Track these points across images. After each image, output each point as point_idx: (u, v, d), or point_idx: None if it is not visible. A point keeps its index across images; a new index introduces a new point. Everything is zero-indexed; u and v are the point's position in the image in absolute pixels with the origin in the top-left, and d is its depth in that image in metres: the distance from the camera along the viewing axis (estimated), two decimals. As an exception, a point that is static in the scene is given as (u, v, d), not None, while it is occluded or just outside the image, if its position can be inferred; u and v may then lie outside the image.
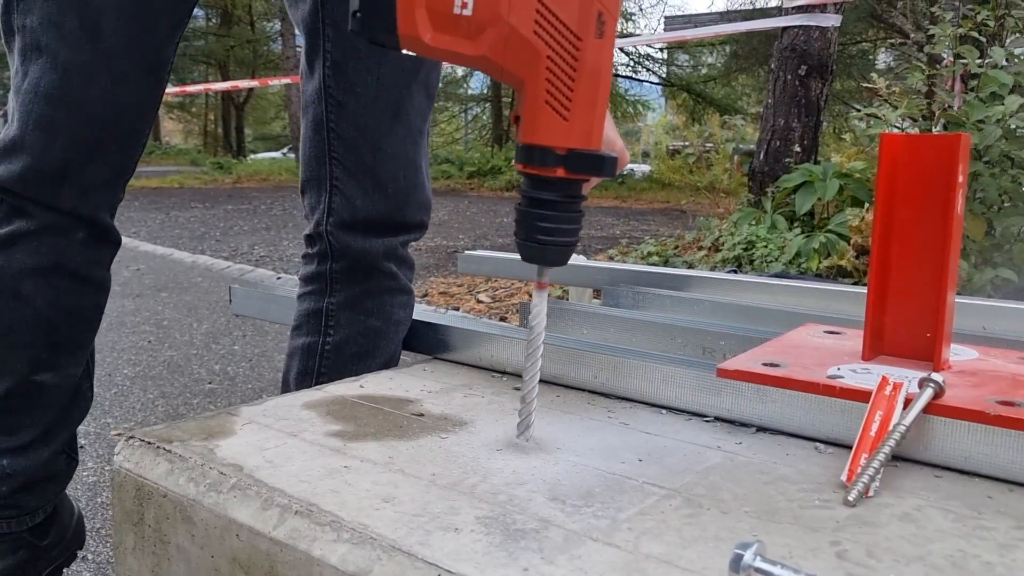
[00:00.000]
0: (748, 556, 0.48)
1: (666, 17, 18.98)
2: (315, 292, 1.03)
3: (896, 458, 0.70)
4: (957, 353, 0.86)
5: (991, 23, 2.49)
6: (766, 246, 3.57)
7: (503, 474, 0.66)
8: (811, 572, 0.48)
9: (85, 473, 1.83)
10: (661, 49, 15.56)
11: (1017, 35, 2.49)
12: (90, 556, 1.47)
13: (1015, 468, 0.66)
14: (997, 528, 0.58)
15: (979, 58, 2.43)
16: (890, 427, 0.67)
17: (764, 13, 10.99)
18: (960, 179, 0.78)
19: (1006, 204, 2.47)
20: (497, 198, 11.67)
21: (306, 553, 0.57)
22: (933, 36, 2.55)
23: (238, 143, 24.04)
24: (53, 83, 0.84)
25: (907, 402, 0.69)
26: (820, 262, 3.24)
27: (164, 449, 0.72)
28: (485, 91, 17.67)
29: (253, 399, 2.43)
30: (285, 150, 24.12)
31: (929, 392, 0.69)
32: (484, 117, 21.01)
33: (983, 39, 2.55)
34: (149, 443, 0.73)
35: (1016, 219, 2.45)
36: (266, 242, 6.40)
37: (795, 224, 3.84)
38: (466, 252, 1.73)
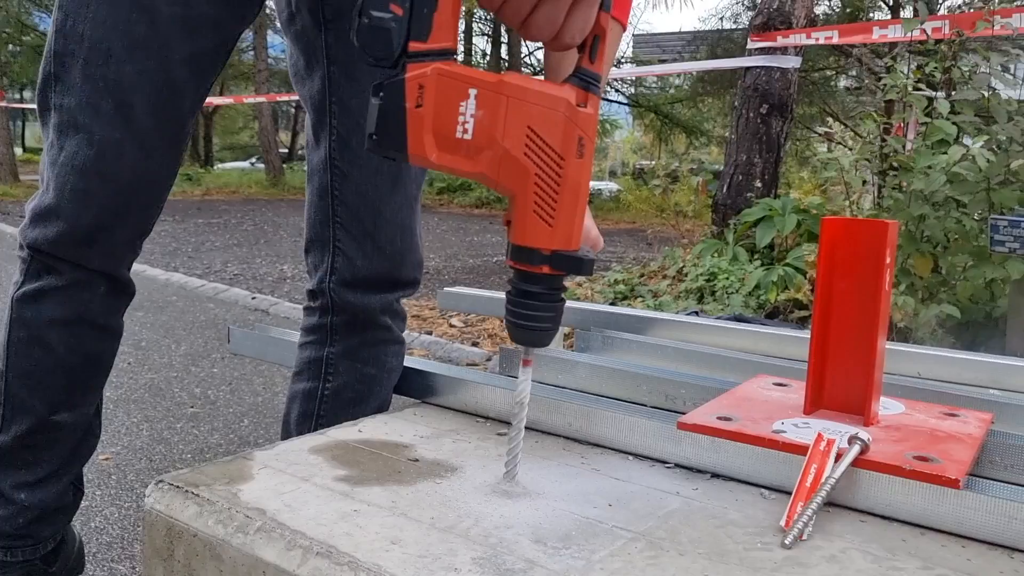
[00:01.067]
0: (699, 595, 0.59)
1: (635, 35, 19.34)
2: (316, 342, 1.13)
3: (829, 504, 0.81)
4: (886, 407, 0.99)
5: (938, 74, 2.66)
6: (727, 278, 3.74)
7: (492, 518, 0.77)
8: (750, 608, 0.59)
9: (76, 498, 1.90)
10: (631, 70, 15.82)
11: (963, 86, 2.67)
12: (88, 580, 1.55)
13: (927, 514, 0.78)
14: (906, 568, 0.70)
15: (926, 108, 2.59)
16: (823, 479, 0.79)
17: (729, 38, 11.28)
18: (888, 260, 0.91)
19: (951, 243, 2.63)
20: (467, 215, 11.78)
21: (327, 589, 0.67)
22: (885, 85, 2.72)
23: (206, 153, 23.93)
24: (88, 158, 0.93)
25: (838, 456, 0.81)
26: (778, 294, 3.40)
27: (192, 493, 0.81)
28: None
29: (235, 422, 2.51)
30: (253, 160, 24.03)
31: (856, 448, 0.81)
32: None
33: (931, 89, 2.72)
34: (178, 487, 0.82)
35: (960, 257, 2.61)
36: (239, 259, 6.44)
37: (755, 256, 4.02)
38: (445, 289, 1.84)
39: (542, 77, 0.83)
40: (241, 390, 2.86)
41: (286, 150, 22.91)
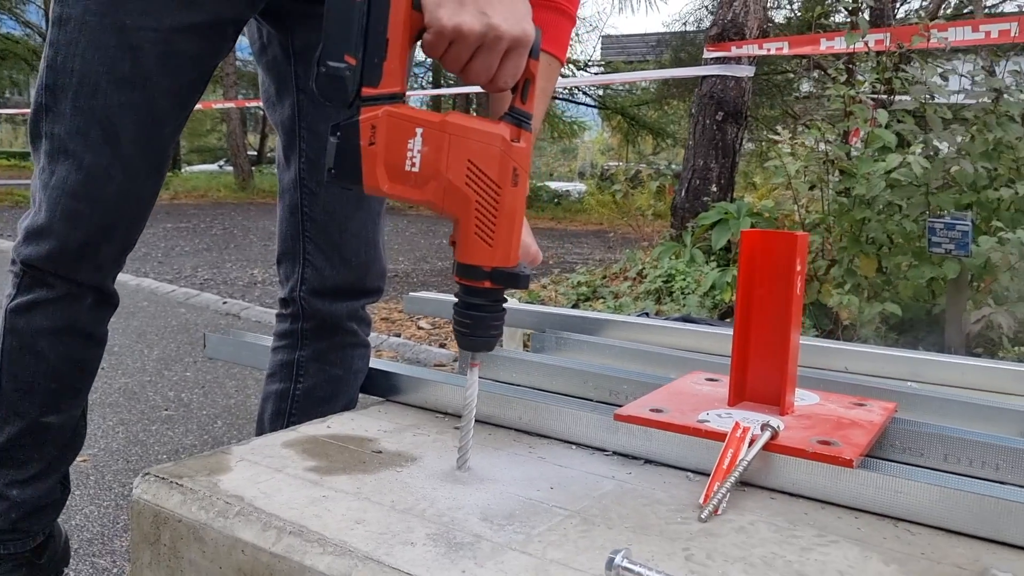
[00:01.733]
0: (617, 559, 0.70)
1: (602, 37, 19.58)
2: (288, 346, 1.22)
3: (744, 484, 0.92)
4: (802, 398, 1.10)
5: (879, 85, 2.80)
6: (684, 279, 3.89)
7: (446, 500, 0.87)
8: (662, 570, 0.70)
9: (56, 498, 1.97)
10: (596, 73, 16.01)
11: (902, 97, 2.82)
12: (72, 574, 1.62)
13: (827, 491, 0.89)
14: (804, 536, 0.81)
15: (867, 117, 2.74)
16: (737, 461, 0.89)
17: (693, 42, 11.47)
18: (799, 268, 1.02)
19: (893, 245, 2.77)
20: (435, 218, 11.85)
21: (299, 563, 0.77)
22: (830, 96, 2.86)
23: (175, 156, 23.74)
24: (78, 182, 1.02)
25: (752, 442, 0.92)
26: (732, 295, 3.54)
27: (176, 483, 0.90)
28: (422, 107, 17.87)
29: (209, 424, 2.58)
30: (222, 162, 23.88)
31: (767, 434, 0.92)
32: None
33: (872, 98, 2.87)
34: (163, 479, 0.91)
35: (902, 258, 2.75)
36: (209, 264, 6.48)
37: (711, 258, 4.18)
38: (411, 294, 1.93)
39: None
40: (214, 393, 2.93)
41: (255, 153, 22.81)
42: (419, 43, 0.84)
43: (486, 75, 0.82)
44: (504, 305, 0.88)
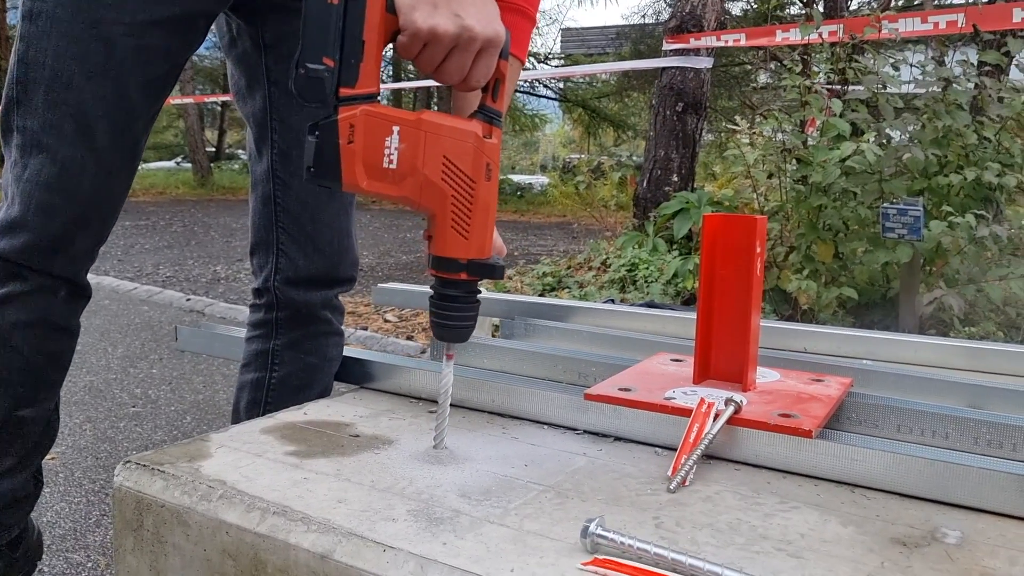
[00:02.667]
0: (592, 527, 0.73)
1: (561, 30, 19.64)
2: (262, 335, 1.24)
3: (710, 457, 0.96)
4: (764, 375, 1.15)
5: (833, 75, 2.87)
6: (647, 267, 3.96)
7: (424, 479, 0.89)
8: (634, 536, 0.74)
9: (26, 496, 1.96)
10: (557, 66, 16.05)
11: (855, 87, 2.89)
12: (46, 569, 1.62)
13: (788, 461, 0.93)
14: (766, 503, 0.85)
15: (822, 106, 2.81)
16: (703, 435, 0.94)
17: (652, 34, 11.57)
18: (758, 250, 1.07)
19: (849, 231, 2.85)
20: (399, 212, 11.80)
21: (284, 541, 0.79)
22: (786, 87, 2.93)
23: (130, 153, 23.28)
24: (52, 175, 1.03)
25: (716, 416, 0.96)
26: (694, 282, 3.61)
27: (158, 470, 0.92)
28: (383, 102, 17.77)
29: (178, 419, 2.58)
30: (179, 159, 23.52)
31: (731, 409, 0.96)
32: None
33: (827, 89, 2.94)
34: (144, 466, 0.93)
35: (857, 243, 2.83)
36: (170, 261, 6.41)
37: (674, 247, 4.26)
38: (379, 285, 1.95)
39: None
40: (182, 388, 2.92)
41: (213, 149, 22.50)
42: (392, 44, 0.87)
43: (459, 75, 0.85)
44: (479, 296, 0.91)
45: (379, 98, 0.85)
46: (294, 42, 0.82)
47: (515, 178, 16.53)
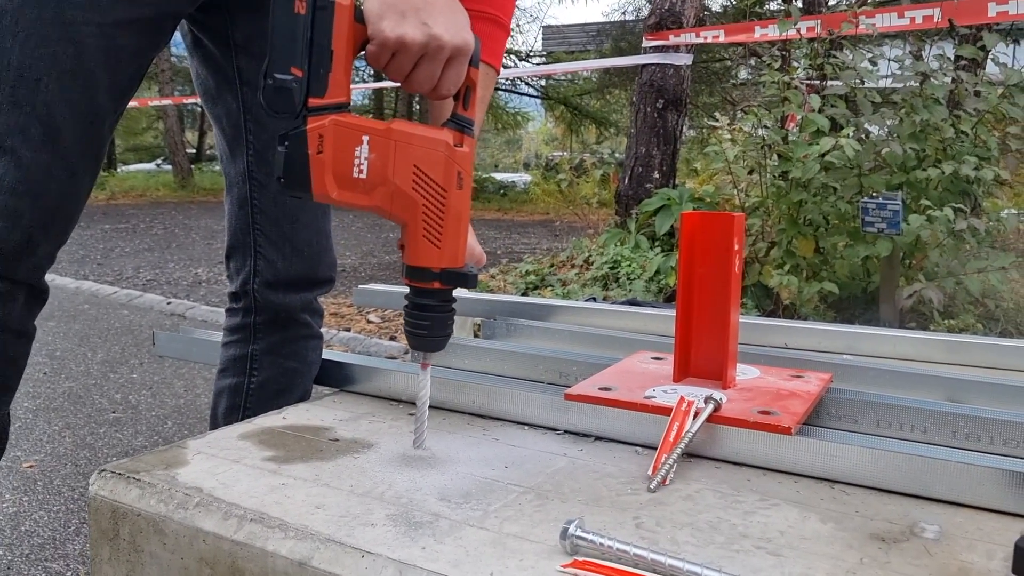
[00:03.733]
0: (571, 529, 0.73)
1: (543, 27, 19.65)
2: (240, 340, 1.23)
3: (691, 455, 0.96)
4: (744, 372, 1.15)
5: (812, 71, 2.89)
6: (630, 265, 3.96)
7: (404, 483, 0.89)
8: (614, 537, 0.73)
9: (5, 504, 1.94)
10: (539, 64, 16.05)
11: (834, 82, 2.91)
12: (23, 579, 1.60)
13: (768, 458, 0.93)
14: (747, 500, 0.85)
15: (801, 102, 2.82)
16: (683, 433, 0.93)
17: (632, 32, 11.60)
18: (736, 247, 1.06)
19: (829, 225, 2.86)
20: (382, 211, 11.75)
21: (262, 549, 0.78)
22: (765, 83, 2.94)
23: (110, 155, 23.17)
24: (18, 179, 1.01)
25: (696, 414, 0.96)
26: (676, 279, 3.62)
27: (134, 478, 0.91)
28: (366, 102, 17.75)
29: (159, 425, 2.56)
30: (159, 161, 23.35)
31: (711, 407, 0.96)
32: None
33: (806, 84, 2.95)
34: (120, 474, 0.92)
35: (838, 238, 2.85)
36: (151, 264, 6.36)
37: (656, 244, 4.27)
38: (361, 286, 1.94)
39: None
40: (163, 393, 2.90)
41: (194, 150, 22.36)
42: (362, 53, 0.86)
43: (429, 84, 0.85)
44: (453, 305, 0.90)
45: (351, 106, 0.84)
46: (265, 41, 0.81)
47: (498, 176, 16.53)
